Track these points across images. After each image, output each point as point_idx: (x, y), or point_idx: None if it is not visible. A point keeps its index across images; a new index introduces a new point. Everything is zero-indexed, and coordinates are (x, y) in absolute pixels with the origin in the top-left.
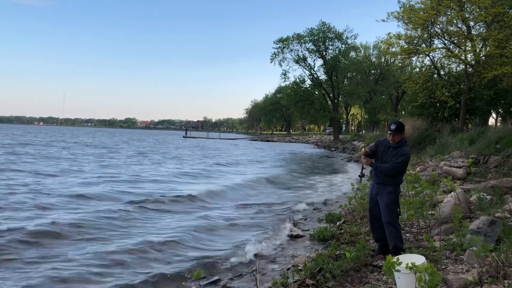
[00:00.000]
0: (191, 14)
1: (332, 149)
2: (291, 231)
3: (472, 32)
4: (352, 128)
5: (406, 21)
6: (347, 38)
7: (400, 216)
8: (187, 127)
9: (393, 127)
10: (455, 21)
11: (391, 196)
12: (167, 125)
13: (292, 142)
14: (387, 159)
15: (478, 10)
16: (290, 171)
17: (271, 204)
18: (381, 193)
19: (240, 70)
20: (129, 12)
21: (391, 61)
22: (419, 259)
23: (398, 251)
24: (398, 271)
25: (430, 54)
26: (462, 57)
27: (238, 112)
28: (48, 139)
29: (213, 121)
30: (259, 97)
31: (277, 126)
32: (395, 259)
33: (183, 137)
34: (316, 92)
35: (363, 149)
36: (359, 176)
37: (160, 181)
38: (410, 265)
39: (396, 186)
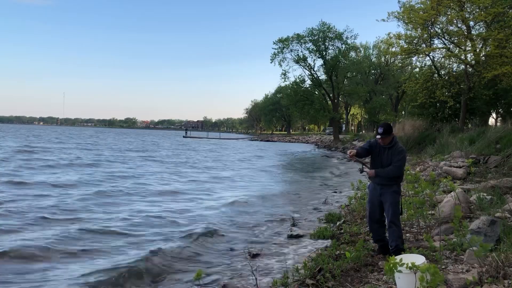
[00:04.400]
0: (191, 14)
1: (332, 149)
2: (291, 231)
3: (472, 32)
4: (352, 128)
5: (406, 21)
6: (347, 38)
7: (401, 216)
8: (187, 127)
9: (380, 130)
10: (455, 21)
11: (395, 195)
12: (167, 125)
13: (292, 142)
14: (386, 161)
15: (478, 10)
16: (289, 171)
17: (270, 203)
18: (385, 193)
19: (240, 70)
20: (129, 12)
21: (391, 61)
22: (419, 259)
23: (399, 251)
24: (400, 271)
25: (430, 54)
26: (462, 57)
27: (238, 112)
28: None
29: (213, 121)
30: (259, 97)
31: (277, 126)
32: (397, 259)
33: (183, 137)
34: (316, 92)
35: (350, 152)
36: (359, 170)
37: None
38: (410, 265)
39: (399, 185)
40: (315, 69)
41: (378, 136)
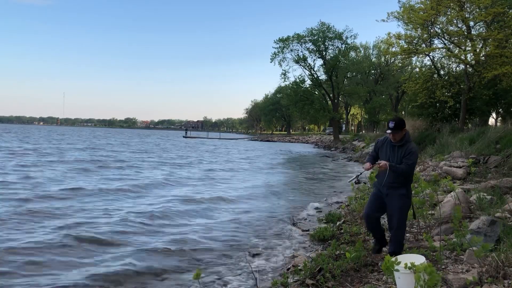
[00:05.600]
0: (191, 15)
1: (332, 149)
2: (291, 231)
3: (472, 32)
4: (352, 128)
5: (406, 21)
6: (347, 38)
7: (414, 220)
8: (187, 127)
9: (391, 125)
10: (455, 21)
11: (404, 199)
12: (167, 125)
13: (292, 142)
14: (396, 160)
15: (478, 10)
16: (290, 170)
17: (270, 204)
18: (391, 195)
19: (240, 70)
20: (129, 12)
21: (391, 61)
22: (419, 259)
23: (395, 254)
24: (397, 270)
25: (430, 54)
26: (462, 57)
27: (238, 112)
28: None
29: (213, 121)
30: (259, 97)
31: (277, 126)
32: (393, 259)
33: (183, 137)
34: (316, 92)
35: (366, 165)
36: (355, 182)
37: None
38: (409, 265)
39: (408, 188)
40: (315, 69)
41: (389, 131)
